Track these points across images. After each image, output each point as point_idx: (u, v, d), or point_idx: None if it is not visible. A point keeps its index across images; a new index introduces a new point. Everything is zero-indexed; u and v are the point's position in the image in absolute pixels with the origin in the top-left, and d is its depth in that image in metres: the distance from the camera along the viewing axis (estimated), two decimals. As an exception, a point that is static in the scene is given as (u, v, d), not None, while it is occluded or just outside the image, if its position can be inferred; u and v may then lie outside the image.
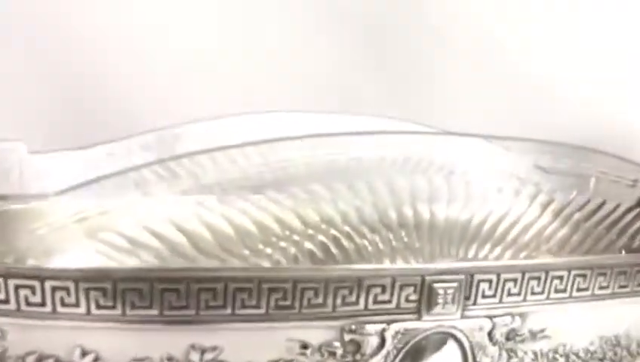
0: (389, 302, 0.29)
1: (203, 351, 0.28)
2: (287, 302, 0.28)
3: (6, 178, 0.38)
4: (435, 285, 0.29)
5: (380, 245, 0.33)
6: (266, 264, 0.31)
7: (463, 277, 0.29)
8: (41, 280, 0.26)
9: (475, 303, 0.30)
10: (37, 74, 0.51)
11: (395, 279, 0.28)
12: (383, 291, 0.29)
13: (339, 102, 0.53)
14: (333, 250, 0.32)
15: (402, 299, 0.29)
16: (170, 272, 0.26)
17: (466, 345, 0.31)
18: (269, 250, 0.31)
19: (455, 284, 0.29)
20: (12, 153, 0.39)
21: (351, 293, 0.28)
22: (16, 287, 0.26)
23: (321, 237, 0.32)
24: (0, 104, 0.51)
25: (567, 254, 0.33)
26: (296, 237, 0.30)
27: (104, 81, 0.51)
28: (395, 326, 0.29)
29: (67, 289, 0.26)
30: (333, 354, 0.29)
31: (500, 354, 0.32)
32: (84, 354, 0.27)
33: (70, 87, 0.52)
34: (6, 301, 0.26)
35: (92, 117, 0.50)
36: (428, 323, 0.29)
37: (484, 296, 0.30)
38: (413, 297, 0.29)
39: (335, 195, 0.30)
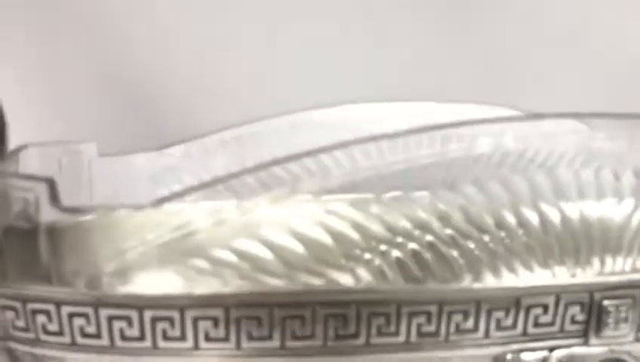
0: (552, 324, 0.24)
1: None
2: (431, 328, 0.23)
3: (76, 181, 0.33)
4: (606, 302, 0.24)
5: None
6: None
7: (638, 291, 0.24)
8: (140, 309, 0.22)
9: (651, 321, 0.25)
10: (101, 74, 0.48)
11: (559, 297, 0.23)
12: (545, 311, 0.24)
13: (423, 89, 0.49)
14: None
15: (567, 321, 0.24)
16: (295, 296, 0.22)
17: (637, 372, 0.26)
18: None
19: (629, 301, 0.24)
20: (82, 155, 0.35)
21: (507, 316, 0.23)
22: (110, 318, 0.22)
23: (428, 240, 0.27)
24: (66, 105, 0.47)
25: None
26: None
27: (170, 78, 0.48)
28: (558, 354, 0.24)
29: (171, 320, 0.22)
30: (485, 388, 0.24)
31: (673, 381, 0.27)
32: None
33: (136, 86, 0.48)
34: (97, 335, 0.22)
35: (159, 117, 0.47)
36: (597, 348, 0.24)
37: (661, 313, 0.25)
38: (579, 318, 0.24)
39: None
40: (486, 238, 0.24)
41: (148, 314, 0.22)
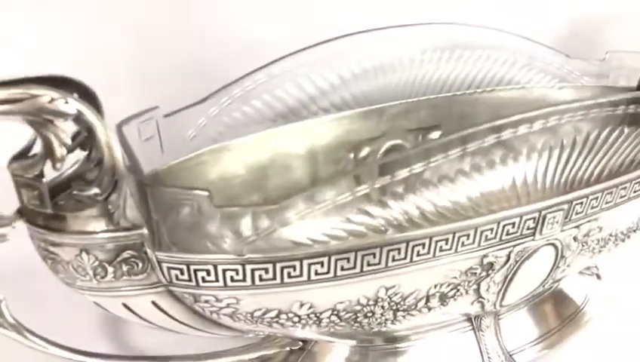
0: (516, 232, 0.38)
1: (387, 289, 0.36)
2: (448, 246, 0.36)
3: (152, 144, 0.41)
4: (549, 215, 0.38)
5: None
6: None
7: (567, 205, 0.38)
8: (273, 262, 0.33)
9: (570, 220, 0.39)
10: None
11: (522, 217, 0.37)
12: (513, 226, 0.37)
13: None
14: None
15: (524, 229, 0.38)
16: (368, 243, 0.34)
17: (559, 246, 0.41)
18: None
19: (561, 212, 0.38)
20: (152, 121, 0.42)
21: (492, 232, 0.37)
22: (253, 271, 0.33)
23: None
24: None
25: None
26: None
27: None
28: (517, 248, 0.38)
29: (294, 266, 0.33)
30: (474, 273, 0.38)
31: (577, 247, 0.42)
32: (301, 305, 0.35)
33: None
34: (243, 280, 0.34)
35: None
36: (539, 241, 0.39)
37: (576, 213, 0.39)
38: (532, 225, 0.38)
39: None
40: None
41: (279, 266, 0.33)
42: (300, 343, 0.45)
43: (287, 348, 0.45)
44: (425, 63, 0.53)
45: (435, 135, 0.50)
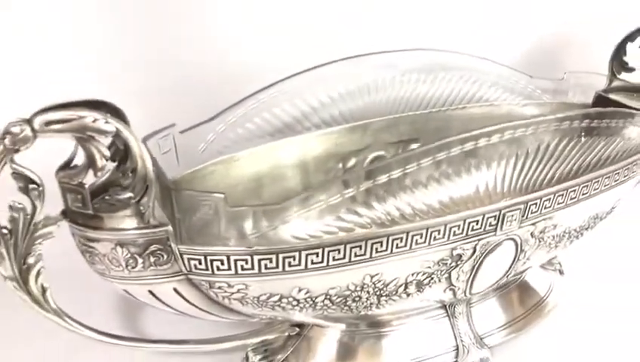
0: (480, 228, 0.44)
1: (372, 276, 0.43)
2: (422, 240, 0.43)
3: (169, 156, 0.48)
4: (507, 214, 0.45)
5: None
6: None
7: (523, 205, 0.45)
8: (277, 253, 0.40)
9: (527, 218, 0.46)
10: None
11: (484, 215, 0.44)
12: (477, 223, 0.44)
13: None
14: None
15: (487, 226, 0.45)
16: (355, 236, 0.40)
17: (518, 241, 0.47)
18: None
19: (518, 211, 0.45)
20: (169, 136, 0.49)
21: (459, 228, 0.44)
22: (260, 260, 0.40)
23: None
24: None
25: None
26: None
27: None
28: (482, 241, 0.45)
29: (294, 257, 0.40)
30: (445, 263, 0.45)
31: (535, 242, 0.49)
32: (300, 290, 0.42)
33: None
34: (251, 268, 0.40)
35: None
36: (500, 236, 0.46)
37: (532, 213, 0.46)
38: (493, 222, 0.45)
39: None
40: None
41: (281, 256, 0.40)
42: (297, 329, 0.52)
43: (286, 333, 0.51)
44: (404, 84, 0.60)
45: (414, 146, 0.57)
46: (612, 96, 0.63)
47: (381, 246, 0.42)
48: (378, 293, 0.44)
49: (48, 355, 0.54)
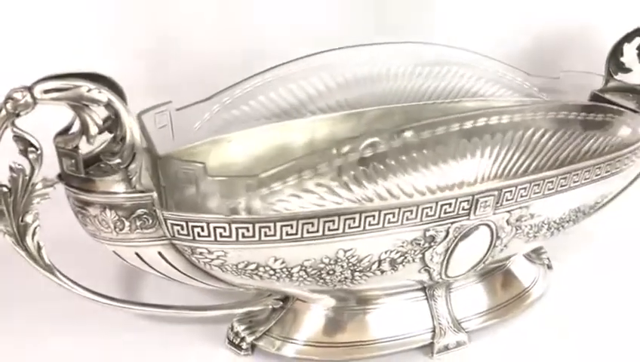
0: (453, 211, 0.46)
1: (345, 251, 0.45)
2: (395, 219, 0.45)
3: (165, 131, 0.51)
4: (481, 199, 0.47)
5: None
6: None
7: (497, 192, 0.47)
8: (253, 222, 0.42)
9: (501, 205, 0.48)
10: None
11: (457, 199, 0.46)
12: (450, 206, 0.46)
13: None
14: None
15: (460, 209, 0.47)
16: (329, 211, 0.43)
17: (493, 227, 0.49)
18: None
19: (492, 197, 0.47)
20: (166, 112, 0.52)
21: (431, 210, 0.46)
22: (237, 229, 0.43)
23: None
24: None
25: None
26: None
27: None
28: (455, 225, 0.47)
29: (269, 227, 0.43)
30: (418, 243, 0.47)
31: (511, 230, 0.51)
32: (275, 260, 0.45)
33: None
34: (229, 236, 0.43)
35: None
36: (474, 221, 0.48)
37: (507, 200, 0.48)
38: (466, 207, 0.47)
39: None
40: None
41: (257, 226, 0.42)
42: (281, 302, 0.54)
43: (270, 306, 0.54)
44: (399, 76, 0.62)
45: (408, 134, 0.59)
46: (608, 96, 0.64)
47: (354, 222, 0.44)
48: (352, 268, 0.47)
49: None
